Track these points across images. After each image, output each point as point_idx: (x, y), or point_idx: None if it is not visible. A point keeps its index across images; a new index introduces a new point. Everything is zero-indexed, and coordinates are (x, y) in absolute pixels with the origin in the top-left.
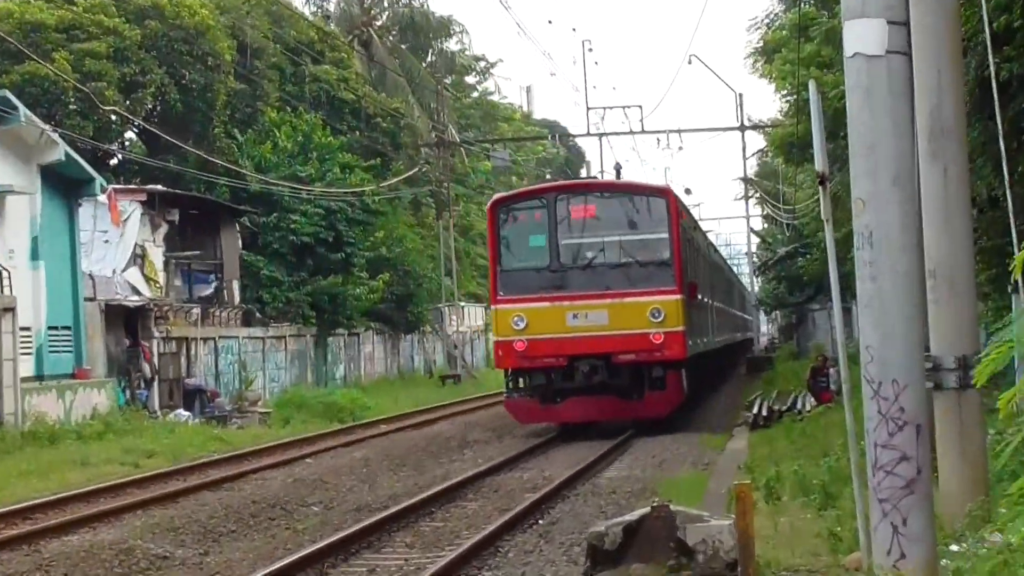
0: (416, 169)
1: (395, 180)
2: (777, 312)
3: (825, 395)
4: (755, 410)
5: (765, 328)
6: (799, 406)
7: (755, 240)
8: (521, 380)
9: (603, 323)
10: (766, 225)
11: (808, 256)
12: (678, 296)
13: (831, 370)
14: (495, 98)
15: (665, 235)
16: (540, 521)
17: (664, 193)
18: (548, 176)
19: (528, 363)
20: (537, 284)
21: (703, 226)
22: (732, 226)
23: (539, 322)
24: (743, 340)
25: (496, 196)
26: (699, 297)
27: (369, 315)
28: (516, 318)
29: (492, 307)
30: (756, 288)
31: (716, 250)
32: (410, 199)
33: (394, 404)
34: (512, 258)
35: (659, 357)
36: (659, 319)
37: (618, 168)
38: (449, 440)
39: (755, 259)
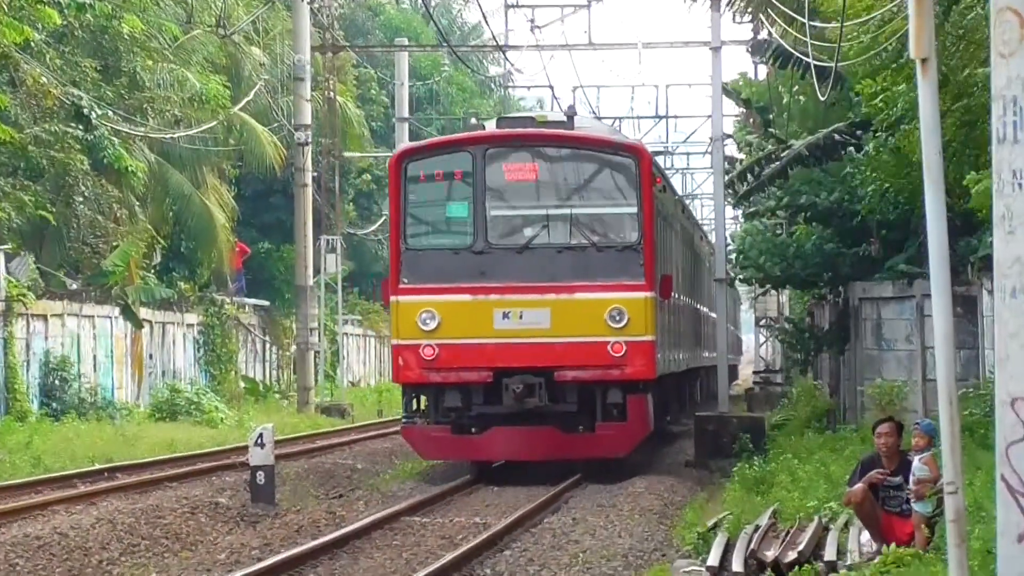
0: None
1: None
2: (782, 296)
3: (901, 525)
4: (714, 560)
5: (752, 339)
6: (832, 551)
7: (734, 111)
8: (425, 399)
9: (544, 326)
10: (762, 75)
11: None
12: (647, 293)
13: (919, 459)
14: None
15: (633, 209)
16: None
17: (635, 151)
18: None
19: (439, 377)
20: (455, 270)
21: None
22: (682, 69)
23: (456, 322)
24: (691, 371)
25: (402, 147)
26: (674, 295)
27: None
28: (424, 314)
29: (392, 299)
30: (728, 240)
31: (680, 201)
32: None
33: None
34: (422, 233)
35: (619, 376)
36: (621, 324)
37: (570, 113)
38: None
39: (736, 158)
